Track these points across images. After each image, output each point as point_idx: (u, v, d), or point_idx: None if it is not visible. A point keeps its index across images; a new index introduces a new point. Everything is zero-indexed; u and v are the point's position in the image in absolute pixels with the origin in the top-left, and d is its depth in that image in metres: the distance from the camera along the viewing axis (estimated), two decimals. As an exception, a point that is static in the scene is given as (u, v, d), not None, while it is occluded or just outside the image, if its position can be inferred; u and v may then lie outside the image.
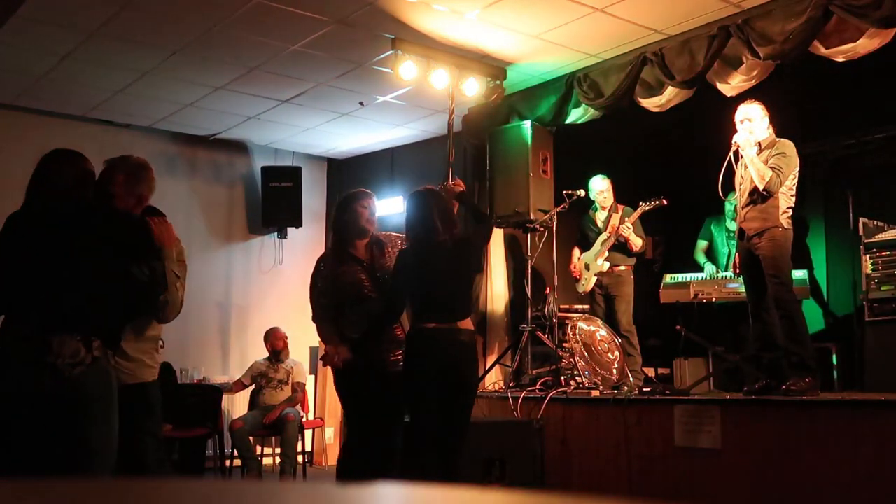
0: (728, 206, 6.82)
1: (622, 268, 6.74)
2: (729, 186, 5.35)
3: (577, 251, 7.01)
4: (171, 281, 3.39)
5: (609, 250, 6.71)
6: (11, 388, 2.97)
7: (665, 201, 6.58)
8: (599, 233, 6.83)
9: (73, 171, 3.21)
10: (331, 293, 4.39)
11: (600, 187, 6.87)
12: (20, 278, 3.08)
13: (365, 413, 4.34)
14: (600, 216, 6.89)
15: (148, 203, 3.54)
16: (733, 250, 6.80)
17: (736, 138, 5.07)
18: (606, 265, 6.70)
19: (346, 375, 4.36)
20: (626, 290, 6.72)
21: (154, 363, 3.65)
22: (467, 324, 4.26)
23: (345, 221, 4.48)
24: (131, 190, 3.44)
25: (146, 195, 3.51)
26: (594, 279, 6.77)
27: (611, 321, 6.63)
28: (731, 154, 5.09)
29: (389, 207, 8.80)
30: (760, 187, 4.95)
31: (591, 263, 6.78)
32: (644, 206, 6.65)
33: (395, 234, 4.65)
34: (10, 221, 3.16)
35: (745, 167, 5.08)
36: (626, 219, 6.68)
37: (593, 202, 6.97)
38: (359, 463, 4.29)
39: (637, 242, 6.67)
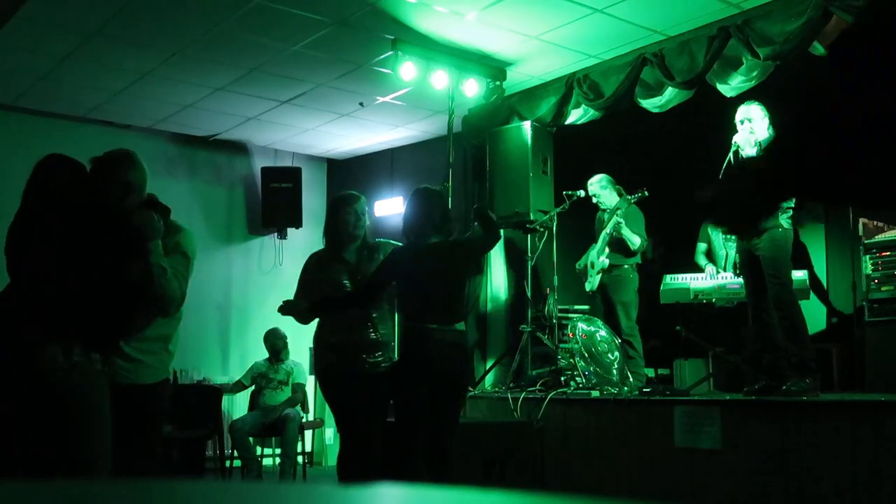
0: None
1: (624, 266, 6.64)
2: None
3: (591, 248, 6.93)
4: (157, 273, 3.24)
5: (609, 248, 6.65)
6: (3, 399, 2.98)
7: (647, 192, 6.47)
8: (602, 230, 6.79)
9: (64, 173, 3.19)
10: (307, 290, 4.45)
11: (595, 183, 6.78)
12: (13, 289, 3.09)
13: (352, 417, 4.31)
14: (606, 214, 6.82)
15: (146, 193, 3.41)
16: (730, 251, 6.79)
17: (736, 138, 5.08)
18: (606, 263, 6.65)
19: (327, 381, 4.40)
20: (624, 293, 6.61)
21: (157, 364, 3.47)
22: (461, 325, 4.29)
23: (334, 227, 4.50)
24: (113, 179, 3.32)
25: (133, 182, 3.35)
26: (598, 277, 6.72)
27: (611, 324, 6.59)
28: (730, 154, 5.09)
29: (389, 208, 8.81)
30: (761, 187, 4.94)
31: (596, 261, 6.75)
32: (629, 199, 6.54)
33: (393, 241, 4.62)
34: (8, 231, 3.15)
35: (745, 168, 5.08)
36: (615, 214, 6.62)
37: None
38: (358, 469, 4.25)
39: (633, 241, 6.55)
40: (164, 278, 3.27)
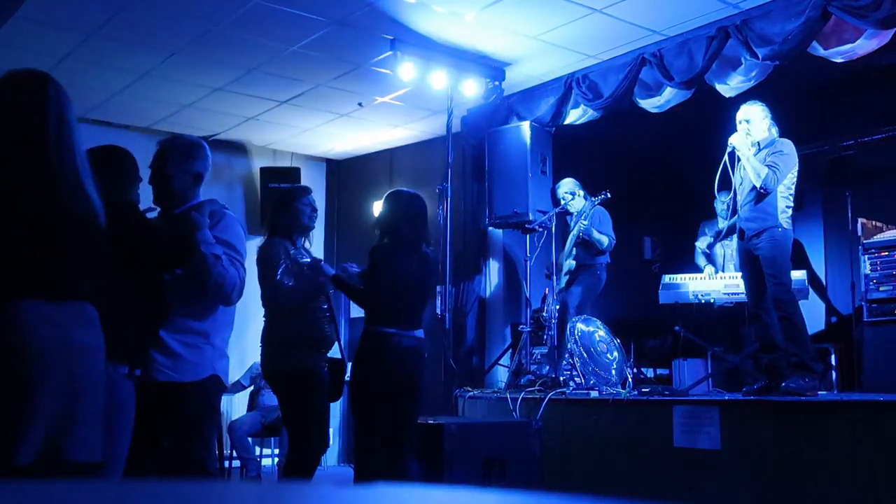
0: (718, 207, 6.82)
1: (585, 266, 6.79)
2: (724, 187, 5.34)
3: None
4: (211, 263, 3.22)
5: (575, 248, 6.77)
6: None
7: (609, 194, 6.55)
8: (570, 233, 6.90)
9: (105, 168, 3.15)
10: (294, 278, 4.26)
11: (562, 189, 6.91)
12: None
13: (313, 419, 4.22)
14: (574, 218, 6.93)
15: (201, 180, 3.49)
16: (726, 251, 6.82)
17: (731, 139, 5.08)
18: (573, 263, 6.76)
19: (287, 384, 4.26)
20: (587, 279, 6.76)
21: (197, 360, 3.34)
22: (420, 332, 4.31)
23: (286, 221, 4.35)
24: (186, 169, 3.40)
25: (202, 173, 3.44)
26: (566, 278, 6.83)
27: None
28: (726, 155, 5.09)
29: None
30: (758, 185, 4.96)
31: (564, 263, 6.84)
32: (595, 201, 6.66)
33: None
34: None
35: (744, 167, 5.09)
36: (581, 217, 6.72)
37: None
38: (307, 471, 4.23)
39: (601, 241, 6.69)
40: (221, 266, 3.25)
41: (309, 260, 4.41)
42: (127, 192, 3.18)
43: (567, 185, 6.92)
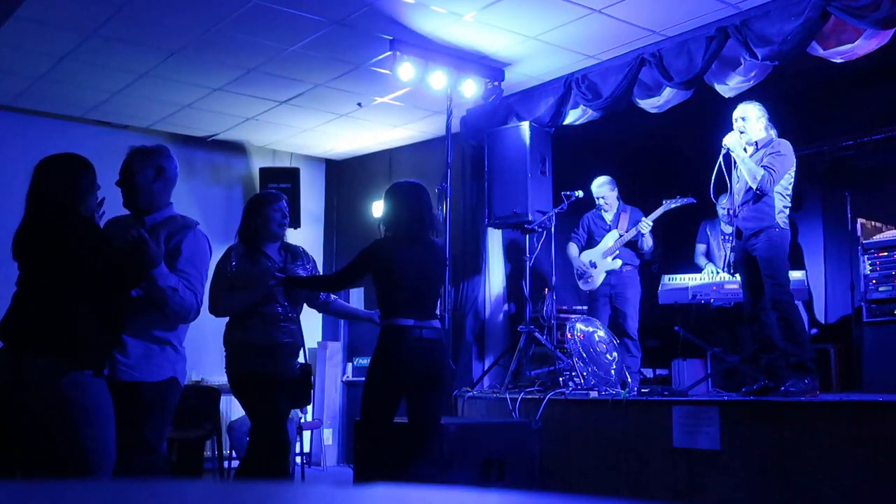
0: (720, 210, 6.81)
1: (629, 267, 6.78)
2: (722, 188, 5.35)
3: (573, 247, 7.01)
4: (169, 296, 3.35)
5: (621, 249, 6.76)
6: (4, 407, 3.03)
7: (695, 200, 6.51)
8: (608, 230, 6.85)
9: (58, 180, 3.19)
10: (241, 286, 4.38)
11: (600, 191, 6.90)
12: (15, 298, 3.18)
13: (271, 416, 4.34)
14: (608, 215, 6.91)
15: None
16: (728, 253, 6.81)
17: (725, 140, 5.09)
18: (619, 262, 6.74)
19: (247, 384, 4.40)
20: (633, 293, 6.76)
21: (160, 362, 3.49)
22: (437, 321, 4.31)
23: (257, 225, 4.48)
24: (154, 177, 3.60)
25: (174, 179, 3.70)
26: (603, 276, 6.78)
27: (615, 325, 6.65)
28: (721, 155, 5.10)
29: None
30: (753, 187, 4.97)
31: (600, 261, 6.79)
32: (670, 204, 6.63)
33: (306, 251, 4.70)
34: (14, 238, 3.21)
35: (740, 168, 5.09)
36: (645, 217, 6.70)
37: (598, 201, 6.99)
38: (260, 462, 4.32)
39: (650, 242, 6.71)
40: (178, 296, 3.38)
41: (259, 266, 4.45)
42: (83, 202, 3.23)
43: (609, 182, 6.91)
